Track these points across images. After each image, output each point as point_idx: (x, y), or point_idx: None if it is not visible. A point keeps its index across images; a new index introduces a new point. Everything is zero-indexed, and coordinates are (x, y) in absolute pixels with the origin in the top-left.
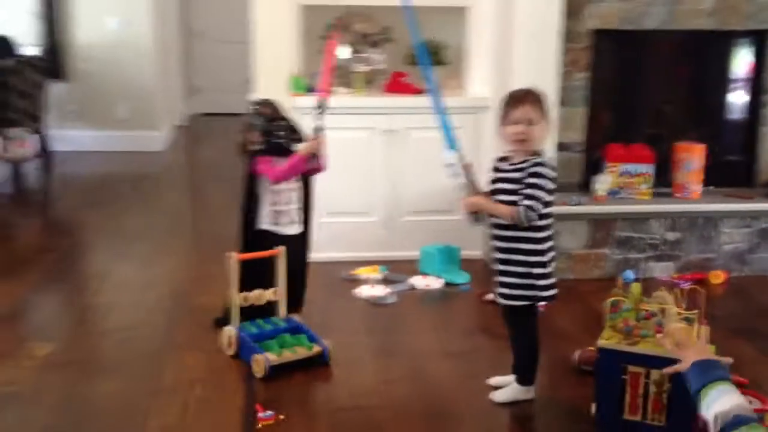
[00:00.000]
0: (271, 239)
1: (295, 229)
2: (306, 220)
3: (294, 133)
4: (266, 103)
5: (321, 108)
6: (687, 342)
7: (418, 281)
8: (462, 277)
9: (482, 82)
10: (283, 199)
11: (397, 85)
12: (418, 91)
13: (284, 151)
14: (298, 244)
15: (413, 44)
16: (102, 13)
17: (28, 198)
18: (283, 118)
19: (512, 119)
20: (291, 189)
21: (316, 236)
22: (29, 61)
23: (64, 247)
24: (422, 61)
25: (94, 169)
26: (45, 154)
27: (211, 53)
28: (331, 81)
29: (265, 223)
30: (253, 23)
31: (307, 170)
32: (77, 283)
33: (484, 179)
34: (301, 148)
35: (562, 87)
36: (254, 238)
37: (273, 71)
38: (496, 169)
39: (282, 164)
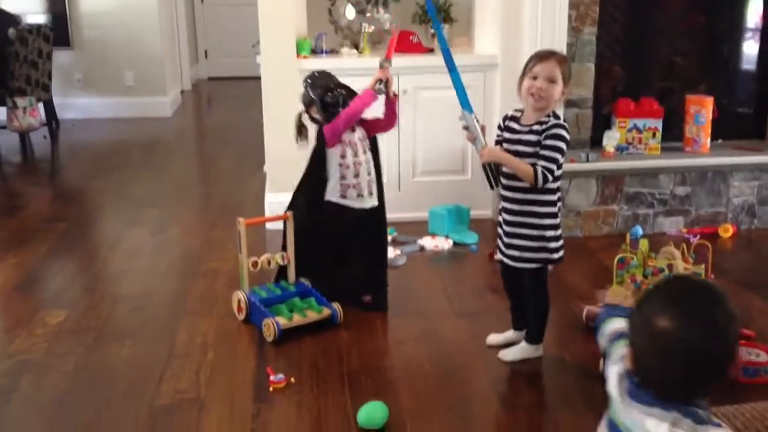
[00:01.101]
0: (342, 213)
1: (367, 203)
2: (380, 194)
3: (343, 95)
4: (321, 75)
5: (384, 64)
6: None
7: (428, 242)
8: (471, 237)
9: (491, 40)
10: (352, 172)
11: (404, 45)
12: (426, 50)
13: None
14: (371, 220)
15: (425, 2)
16: None
17: (36, 167)
18: (341, 86)
19: (534, 73)
20: (359, 161)
21: None
22: (35, 29)
23: (74, 215)
24: (434, 23)
25: (102, 137)
26: (52, 122)
27: (217, 17)
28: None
29: (333, 195)
30: None
31: (378, 127)
32: (88, 251)
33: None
34: (367, 87)
35: (571, 42)
36: (325, 210)
37: (279, 34)
38: (508, 129)
39: (349, 146)
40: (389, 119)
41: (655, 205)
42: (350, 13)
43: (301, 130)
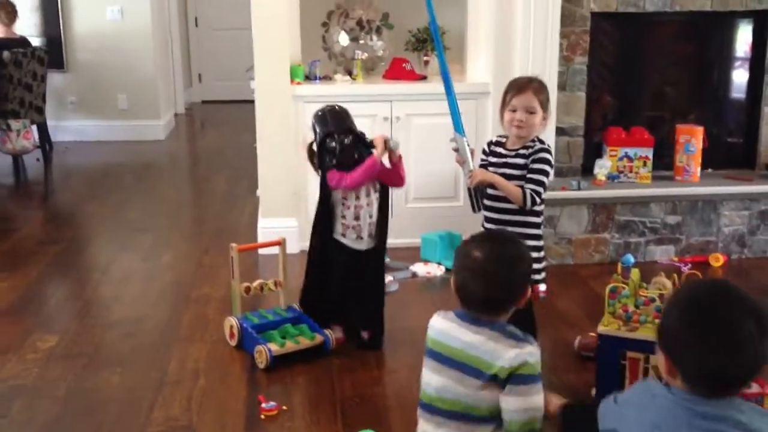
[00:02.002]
0: (340, 250)
1: (363, 245)
2: (381, 235)
3: (363, 143)
4: (333, 114)
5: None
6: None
7: (420, 268)
8: None
9: (483, 68)
10: (352, 214)
11: (397, 72)
12: (418, 78)
13: (355, 163)
14: (368, 260)
15: (429, 27)
16: (102, 3)
17: (29, 189)
18: (351, 131)
19: (513, 106)
20: (360, 205)
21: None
22: (30, 52)
23: (67, 239)
24: (436, 42)
25: (96, 160)
26: (46, 144)
27: (212, 41)
28: None
29: (336, 232)
30: (253, 11)
31: (386, 181)
32: (80, 276)
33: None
34: (375, 144)
35: (562, 71)
36: (326, 246)
37: (273, 60)
38: (493, 153)
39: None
40: (395, 181)
41: (646, 233)
42: (344, 40)
43: (313, 159)
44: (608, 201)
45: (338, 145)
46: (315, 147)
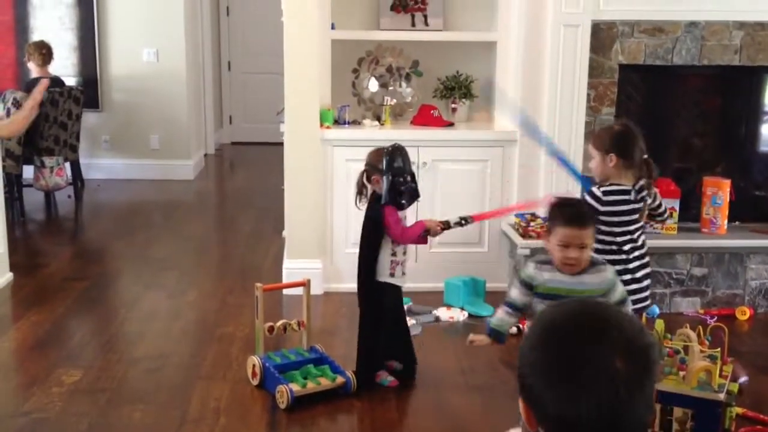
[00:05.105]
0: (391, 291)
1: (405, 281)
2: None
3: (416, 191)
4: (402, 155)
5: (465, 222)
6: None
7: (443, 313)
8: (486, 310)
9: (510, 116)
10: (402, 249)
11: (425, 118)
12: (446, 124)
13: (403, 205)
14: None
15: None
16: (138, 45)
17: (60, 226)
18: (411, 172)
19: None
20: None
21: (342, 266)
22: (66, 91)
23: (94, 275)
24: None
25: (126, 198)
26: (78, 182)
27: (243, 85)
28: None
29: (383, 275)
30: (286, 56)
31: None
32: (106, 312)
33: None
34: (427, 221)
35: (590, 121)
36: (377, 289)
37: (304, 104)
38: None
39: (407, 225)
40: (406, 238)
41: (672, 284)
42: (373, 86)
43: (361, 190)
44: None
45: (406, 186)
46: (365, 180)
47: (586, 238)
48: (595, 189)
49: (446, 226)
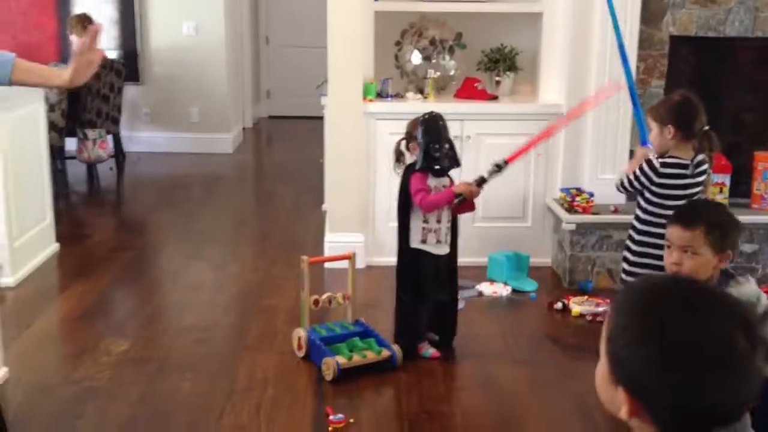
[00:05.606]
0: (424, 258)
1: (442, 250)
2: (453, 242)
3: (454, 158)
4: (438, 122)
5: (499, 168)
6: None
7: (486, 288)
8: (530, 285)
9: (556, 89)
10: (433, 217)
11: (469, 91)
12: (490, 97)
13: (439, 172)
14: (445, 266)
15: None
16: (178, 19)
17: (102, 197)
18: (448, 140)
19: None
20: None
21: (384, 240)
22: (108, 64)
23: (138, 246)
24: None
25: (166, 170)
26: (119, 154)
27: (281, 59)
28: (526, 150)
29: (415, 241)
30: (329, 29)
31: (458, 208)
32: (151, 282)
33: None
34: (457, 185)
35: (639, 94)
36: (409, 256)
37: (347, 77)
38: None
39: (434, 192)
40: (469, 208)
41: None
42: (416, 58)
43: (399, 157)
44: None
45: (441, 152)
46: (403, 147)
47: (693, 241)
48: (653, 158)
49: (482, 181)
